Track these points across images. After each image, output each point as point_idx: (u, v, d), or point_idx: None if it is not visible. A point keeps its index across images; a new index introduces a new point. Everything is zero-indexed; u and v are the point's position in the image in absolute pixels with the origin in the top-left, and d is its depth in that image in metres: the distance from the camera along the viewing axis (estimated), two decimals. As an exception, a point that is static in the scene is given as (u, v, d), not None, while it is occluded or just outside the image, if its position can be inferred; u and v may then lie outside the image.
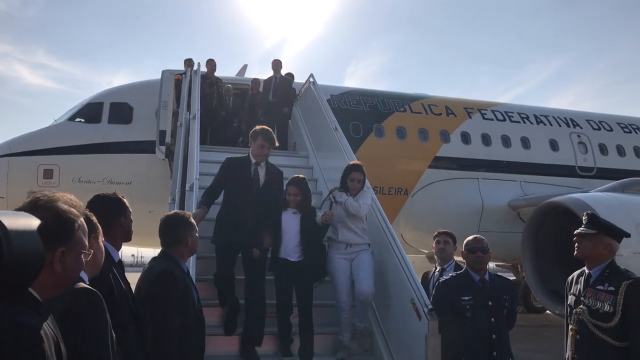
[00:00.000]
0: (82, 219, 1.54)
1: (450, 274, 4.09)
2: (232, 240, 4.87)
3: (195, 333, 2.98)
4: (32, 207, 1.46)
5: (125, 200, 2.72)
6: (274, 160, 7.53)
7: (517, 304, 3.95)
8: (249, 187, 4.95)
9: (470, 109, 11.65)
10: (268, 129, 5.13)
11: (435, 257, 4.78)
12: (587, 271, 3.21)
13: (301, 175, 5.26)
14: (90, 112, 9.89)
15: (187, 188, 5.30)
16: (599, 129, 12.29)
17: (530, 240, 8.70)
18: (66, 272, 1.46)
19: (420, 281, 4.56)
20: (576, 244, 3.25)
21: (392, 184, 10.48)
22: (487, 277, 3.82)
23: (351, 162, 5.26)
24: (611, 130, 12.39)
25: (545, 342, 9.51)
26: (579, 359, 3.13)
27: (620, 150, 12.12)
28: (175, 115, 8.69)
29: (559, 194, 8.94)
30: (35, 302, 1.37)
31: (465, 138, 11.15)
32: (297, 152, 8.24)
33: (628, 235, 3.31)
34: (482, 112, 11.68)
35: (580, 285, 3.20)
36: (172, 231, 3.09)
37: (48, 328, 1.34)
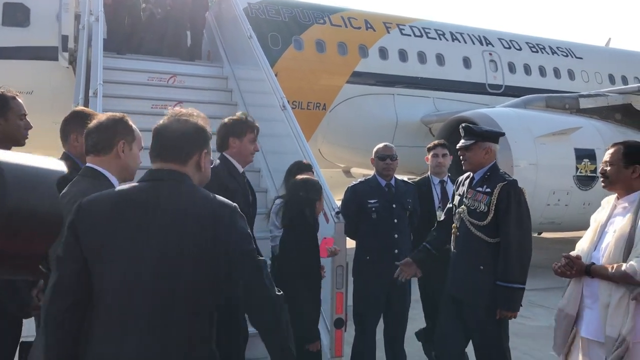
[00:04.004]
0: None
1: (360, 180, 4.28)
2: None
3: None
4: (174, 120, 1.78)
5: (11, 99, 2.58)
6: (186, 69, 7.28)
7: (419, 206, 4.21)
8: (248, 214, 3.09)
9: (389, 23, 11.63)
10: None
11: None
12: (471, 174, 3.45)
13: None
14: (-22, 12, 8.89)
15: (90, 94, 5.01)
16: (510, 47, 12.75)
17: (438, 153, 9.14)
18: (206, 172, 1.84)
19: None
20: (461, 158, 3.43)
21: (311, 99, 10.46)
22: (392, 182, 4.05)
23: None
24: (520, 49, 12.89)
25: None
26: (457, 253, 3.42)
27: (527, 69, 12.70)
28: (78, 18, 8.00)
29: (468, 110, 9.36)
30: None
31: (383, 53, 11.20)
32: (212, 62, 7.96)
33: (503, 134, 3.57)
34: (401, 27, 11.71)
35: (465, 187, 3.45)
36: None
37: None
